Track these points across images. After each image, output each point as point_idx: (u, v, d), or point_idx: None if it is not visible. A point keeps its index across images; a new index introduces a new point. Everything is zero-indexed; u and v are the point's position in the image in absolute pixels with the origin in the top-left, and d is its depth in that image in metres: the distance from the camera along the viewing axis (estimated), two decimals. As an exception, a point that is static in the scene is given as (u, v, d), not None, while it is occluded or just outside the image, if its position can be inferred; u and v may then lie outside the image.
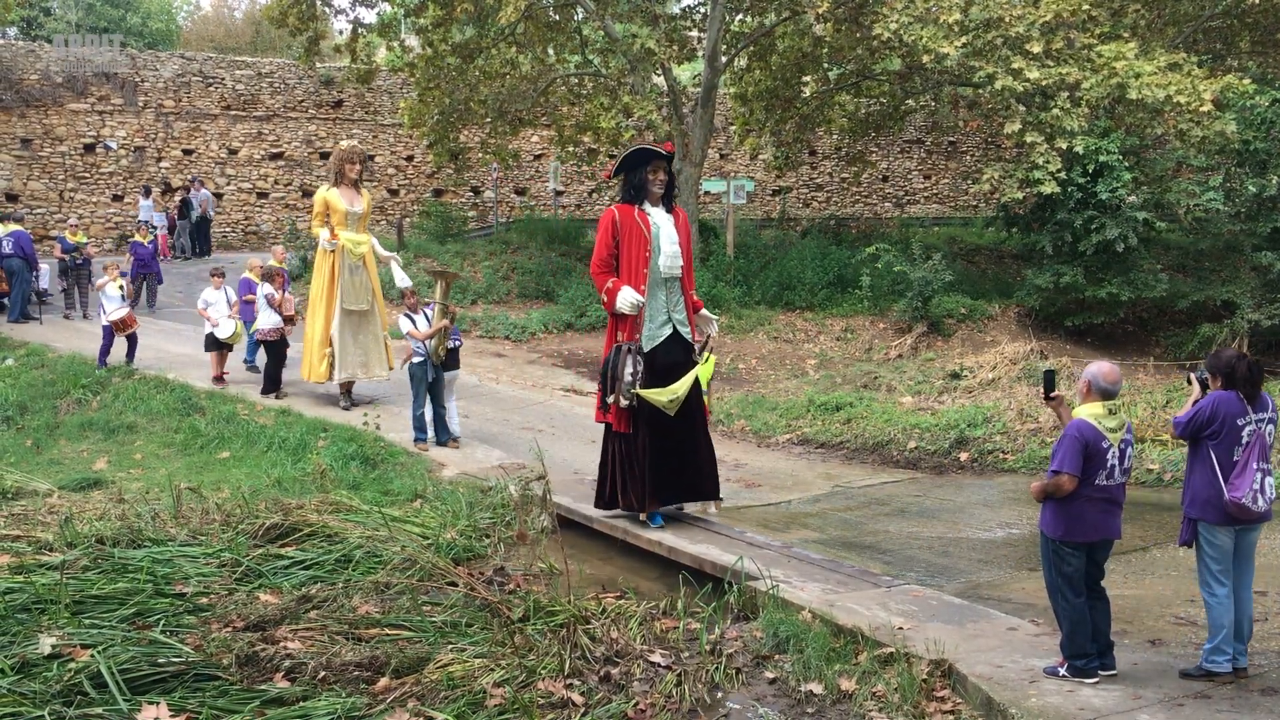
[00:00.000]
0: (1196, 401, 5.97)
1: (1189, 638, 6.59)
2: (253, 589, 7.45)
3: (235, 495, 9.81)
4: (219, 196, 26.81)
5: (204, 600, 7.12)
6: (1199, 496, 5.81)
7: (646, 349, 9.04)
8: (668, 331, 9.19)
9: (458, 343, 12.71)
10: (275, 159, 27.56)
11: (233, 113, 27.09)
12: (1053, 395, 6.22)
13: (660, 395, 8.88)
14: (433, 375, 12.15)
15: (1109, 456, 5.72)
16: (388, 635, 6.68)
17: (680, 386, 8.95)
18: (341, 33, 26.70)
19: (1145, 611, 7.05)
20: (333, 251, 13.53)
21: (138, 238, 20.48)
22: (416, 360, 12.01)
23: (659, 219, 9.19)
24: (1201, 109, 17.34)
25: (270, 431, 12.63)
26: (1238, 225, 20.64)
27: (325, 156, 27.65)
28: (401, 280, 14.28)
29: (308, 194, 27.47)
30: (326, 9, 22.98)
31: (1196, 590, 7.68)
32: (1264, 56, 21.98)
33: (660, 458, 9.07)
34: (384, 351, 14.09)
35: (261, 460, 11.78)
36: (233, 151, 27.17)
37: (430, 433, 12.49)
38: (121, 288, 15.07)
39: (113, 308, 14.78)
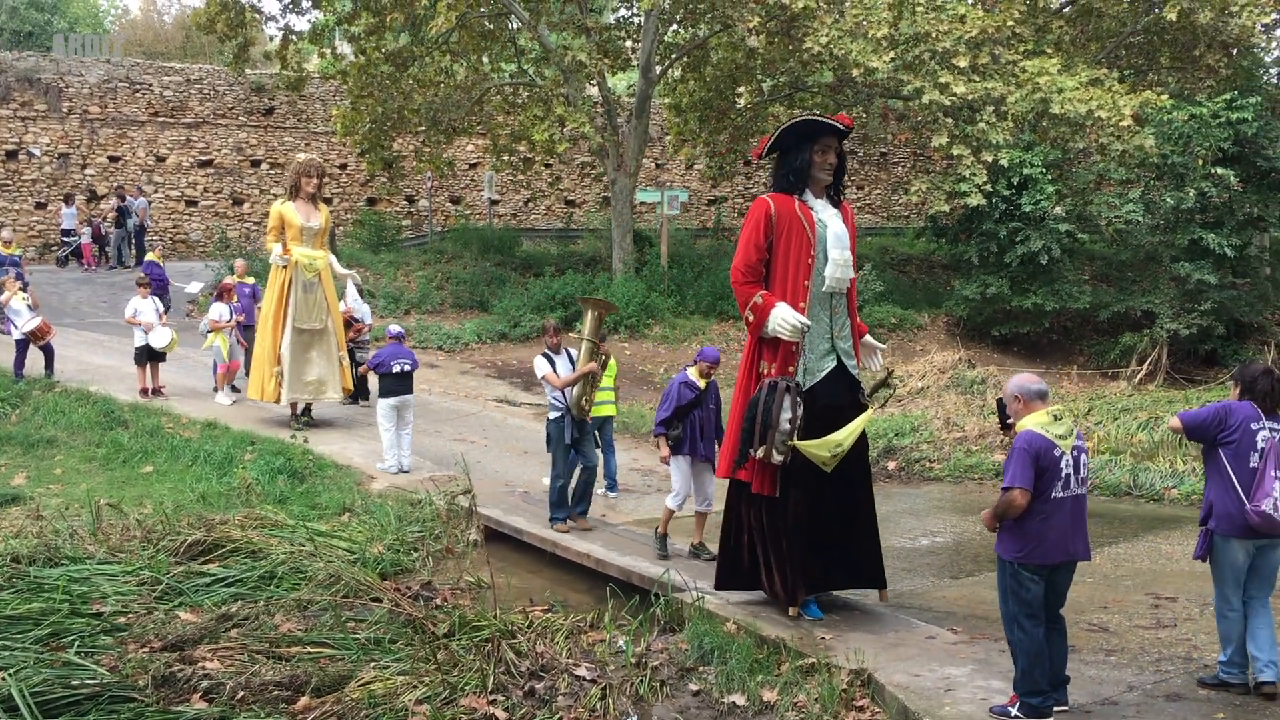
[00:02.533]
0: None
1: (1101, 644, 6.75)
2: (172, 607, 7.35)
3: (157, 511, 9.64)
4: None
5: (122, 620, 7.01)
6: (1217, 508, 5.78)
7: (805, 386, 7.01)
8: (831, 364, 7.11)
9: (412, 366, 11.75)
10: (205, 166, 27.12)
11: (160, 119, 26.61)
12: (1009, 423, 5.72)
13: (820, 448, 6.80)
14: (573, 435, 9.38)
15: (1063, 465, 5.38)
16: (309, 653, 6.62)
17: (846, 436, 6.86)
18: (273, 39, 26.37)
19: (1060, 618, 7.20)
20: (285, 268, 13.29)
21: (152, 257, 19.78)
22: (553, 415, 9.49)
23: (825, 215, 7.12)
24: (1122, 124, 17.81)
25: (195, 445, 12.42)
26: (1157, 237, 21.20)
27: (256, 165, 27.33)
28: (354, 301, 14.05)
29: (238, 202, 27.13)
30: (256, 16, 22.69)
31: (1111, 597, 7.91)
32: (1182, 73, 22.60)
33: (813, 529, 7.06)
34: (339, 372, 13.59)
35: (186, 475, 11.56)
36: (160, 159, 26.69)
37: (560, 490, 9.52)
38: (25, 299, 14.68)
39: (22, 320, 14.41)
